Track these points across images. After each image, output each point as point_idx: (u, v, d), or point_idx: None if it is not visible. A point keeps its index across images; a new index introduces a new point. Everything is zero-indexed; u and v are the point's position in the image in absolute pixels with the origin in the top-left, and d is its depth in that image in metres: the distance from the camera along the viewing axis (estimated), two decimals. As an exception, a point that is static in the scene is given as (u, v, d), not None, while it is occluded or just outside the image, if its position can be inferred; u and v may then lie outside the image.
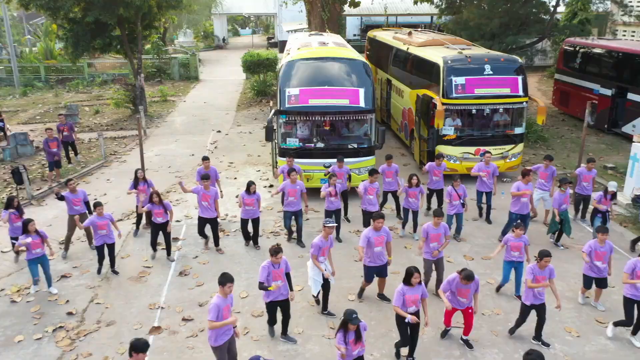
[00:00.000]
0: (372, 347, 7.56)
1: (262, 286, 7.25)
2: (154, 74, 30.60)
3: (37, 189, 13.77)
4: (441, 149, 13.52)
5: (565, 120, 20.47)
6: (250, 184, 10.12)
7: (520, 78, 13.44)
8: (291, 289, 7.57)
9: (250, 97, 25.64)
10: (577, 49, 20.17)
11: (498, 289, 9.00)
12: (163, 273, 9.77)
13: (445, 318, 7.71)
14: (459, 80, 13.19)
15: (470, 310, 7.41)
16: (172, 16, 25.39)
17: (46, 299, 8.94)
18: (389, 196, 11.70)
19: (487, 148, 13.35)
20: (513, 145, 13.79)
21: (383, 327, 8.07)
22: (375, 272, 8.45)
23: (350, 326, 6.03)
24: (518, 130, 13.89)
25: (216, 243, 10.53)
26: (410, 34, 17.96)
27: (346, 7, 25.67)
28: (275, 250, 7.26)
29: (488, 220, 11.68)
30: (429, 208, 11.90)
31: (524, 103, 13.54)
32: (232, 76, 31.33)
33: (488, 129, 13.78)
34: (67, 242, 10.45)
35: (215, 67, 36.35)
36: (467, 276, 7.00)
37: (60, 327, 8.18)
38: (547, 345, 7.65)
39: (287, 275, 7.49)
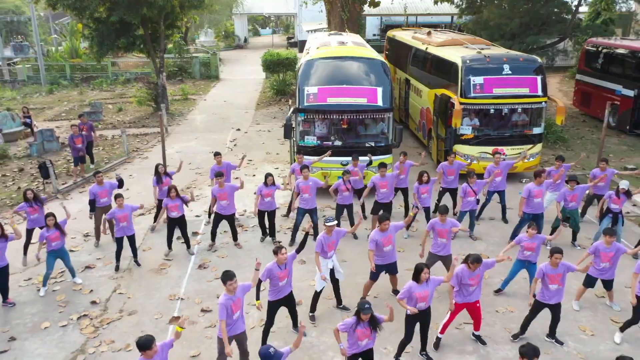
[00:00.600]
0: (386, 342, 7.67)
1: (257, 288, 7.07)
2: (176, 72, 31.11)
3: (63, 184, 14.21)
4: (459, 148, 13.57)
5: (586, 121, 20.27)
6: (267, 176, 10.32)
7: (539, 78, 13.40)
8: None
9: (269, 96, 25.91)
10: (599, 49, 19.95)
11: (498, 290, 8.97)
12: (183, 266, 10.03)
13: (448, 320, 7.61)
14: (477, 79, 13.21)
15: (477, 304, 7.45)
16: (194, 16, 25.74)
17: (71, 289, 9.28)
18: (399, 193, 11.75)
19: (504, 148, 13.44)
20: (531, 146, 13.74)
21: (396, 322, 8.16)
22: (384, 269, 8.45)
23: (362, 316, 6.11)
24: (537, 131, 13.84)
25: (234, 237, 10.74)
26: (429, 33, 17.99)
27: (366, 7, 25.77)
28: (277, 249, 7.18)
29: (504, 220, 11.69)
30: (437, 206, 11.84)
31: (543, 103, 13.50)
32: (251, 75, 31.68)
33: (506, 129, 13.77)
34: (97, 233, 10.78)
35: (236, 66, 36.76)
36: (475, 259, 7.06)
37: (85, 315, 8.50)
38: (561, 343, 7.69)
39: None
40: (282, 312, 8.02)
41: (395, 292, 8.86)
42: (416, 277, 6.88)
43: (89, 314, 8.51)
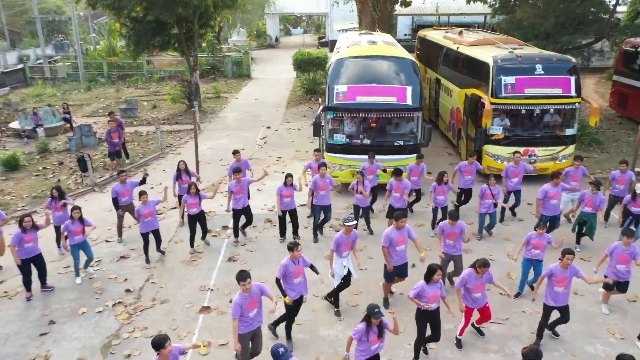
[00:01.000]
0: (407, 339, 7.72)
1: (279, 285, 7.29)
2: (209, 71, 31.67)
3: (100, 177, 14.73)
4: (488, 148, 13.49)
5: (623, 123, 19.77)
6: (287, 176, 10.47)
7: (573, 78, 13.19)
8: (316, 272, 7.76)
9: (299, 95, 26.15)
10: (638, 49, 19.43)
11: (517, 295, 8.88)
12: (213, 258, 10.32)
13: (465, 324, 7.62)
14: (509, 79, 13.10)
15: (487, 305, 7.48)
16: (227, 15, 26.22)
17: (107, 277, 9.67)
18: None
19: (535, 149, 13.29)
20: (563, 147, 13.54)
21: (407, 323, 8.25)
22: (397, 271, 8.44)
23: (373, 320, 6.08)
24: (569, 132, 13.62)
25: (245, 225, 10.96)
26: (461, 33, 17.89)
27: (397, 7, 25.70)
28: (292, 246, 7.32)
29: (513, 213, 11.82)
30: (456, 206, 11.82)
31: (576, 104, 13.28)
32: (282, 74, 31.99)
33: (538, 130, 13.60)
34: (119, 229, 11.14)
35: (267, 65, 37.16)
36: (483, 263, 7.09)
37: (119, 302, 8.86)
38: (557, 335, 7.78)
39: (311, 266, 7.64)
40: (308, 307, 8.21)
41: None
42: (428, 277, 6.92)
43: (124, 301, 8.87)
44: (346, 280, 8.41)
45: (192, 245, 10.60)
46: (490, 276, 7.34)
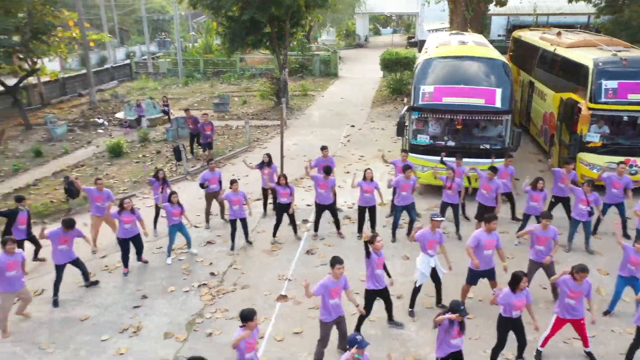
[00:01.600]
0: (482, 346, 7.57)
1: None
2: (297, 69, 32.48)
3: (192, 166, 15.68)
4: (583, 156, 12.73)
5: None
6: (365, 170, 10.55)
7: (686, 85, 12.10)
8: (389, 276, 7.82)
9: (385, 94, 26.10)
10: None
11: (606, 312, 8.38)
12: (292, 250, 10.67)
13: (549, 334, 7.29)
14: (610, 84, 12.27)
15: (582, 322, 7.08)
16: (317, 15, 26.74)
17: (194, 260, 10.33)
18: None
19: (637, 159, 12.38)
20: (669, 158, 12.47)
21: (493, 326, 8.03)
22: (481, 276, 8.27)
23: (456, 317, 6.09)
24: (677, 142, 12.52)
25: (337, 226, 11.15)
26: (559, 34, 16.97)
27: (492, 7, 24.91)
28: (372, 238, 7.41)
29: (625, 235, 10.72)
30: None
31: (688, 113, 12.18)
32: (369, 74, 32.06)
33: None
34: (206, 215, 11.80)
35: (355, 64, 37.40)
36: (582, 269, 6.74)
37: (204, 284, 9.44)
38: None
39: (384, 266, 7.65)
40: (382, 304, 8.26)
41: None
42: (514, 285, 6.72)
43: (208, 284, 9.44)
44: (435, 280, 8.39)
45: (274, 234, 11.02)
46: (589, 287, 6.98)
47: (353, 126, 20.38)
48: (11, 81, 21.52)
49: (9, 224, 9.69)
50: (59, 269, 8.92)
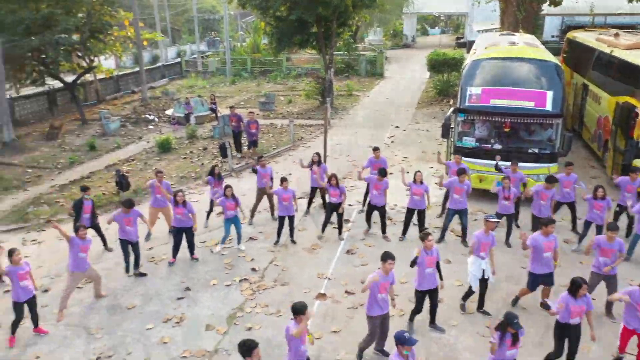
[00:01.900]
0: (530, 354, 7.37)
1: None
2: (343, 69, 32.51)
3: (237, 164, 15.99)
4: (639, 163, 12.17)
5: None
6: (415, 173, 10.46)
7: None
8: (441, 279, 7.77)
9: (431, 96, 25.76)
10: None
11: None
12: (332, 249, 10.71)
13: (621, 342, 7.06)
14: (671, 88, 11.69)
15: None
16: (365, 15, 26.70)
17: (236, 255, 10.54)
18: (564, 207, 10.98)
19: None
20: None
21: (539, 335, 7.81)
22: (542, 280, 8.10)
23: (510, 329, 6.01)
24: None
25: (383, 230, 11.11)
26: (617, 35, 16.27)
27: (545, 6, 24.11)
28: (424, 236, 7.44)
29: None
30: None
31: None
32: (416, 74, 31.74)
33: None
34: (252, 211, 12.02)
35: (401, 65, 37.09)
36: None
37: (245, 279, 9.62)
38: None
39: (437, 264, 7.66)
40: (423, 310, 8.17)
41: (544, 304, 8.40)
42: (574, 291, 6.53)
43: (249, 279, 9.61)
44: (482, 285, 8.27)
45: (323, 230, 11.15)
46: None
47: (397, 127, 20.22)
48: (70, 78, 22.60)
49: (77, 213, 10.40)
50: (124, 245, 9.71)
